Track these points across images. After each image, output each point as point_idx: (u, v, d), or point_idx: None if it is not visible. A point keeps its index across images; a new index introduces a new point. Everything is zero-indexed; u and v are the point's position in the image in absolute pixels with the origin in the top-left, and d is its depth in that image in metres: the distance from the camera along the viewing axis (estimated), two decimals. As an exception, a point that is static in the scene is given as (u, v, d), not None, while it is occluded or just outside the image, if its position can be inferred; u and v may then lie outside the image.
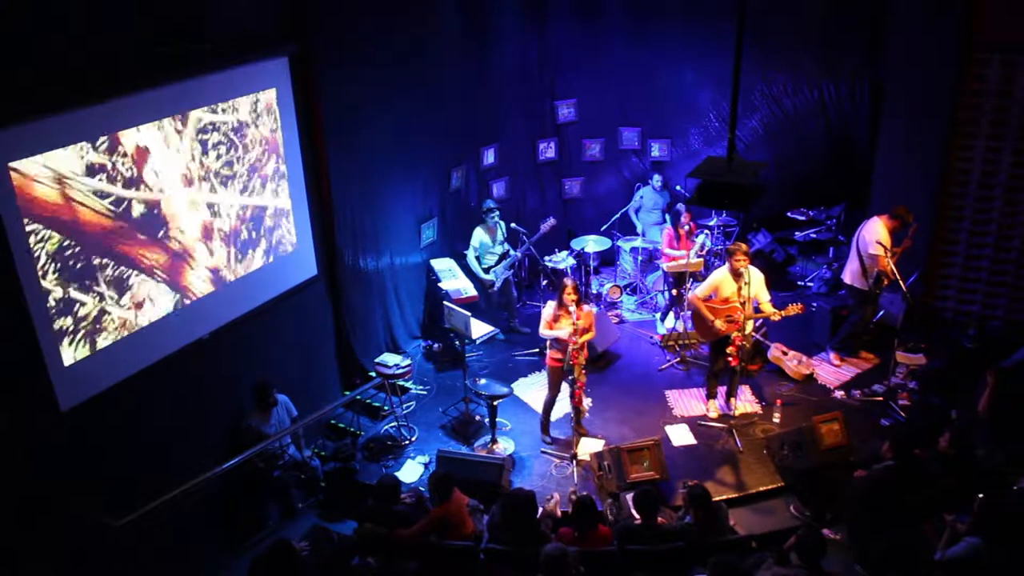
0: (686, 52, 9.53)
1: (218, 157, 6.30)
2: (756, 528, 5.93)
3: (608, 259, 10.14)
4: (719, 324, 6.93)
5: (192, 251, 6.21)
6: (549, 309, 6.81)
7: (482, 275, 8.66)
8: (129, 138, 5.52)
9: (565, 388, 6.97)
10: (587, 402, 7.29)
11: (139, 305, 5.81)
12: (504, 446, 7.27)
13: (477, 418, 7.67)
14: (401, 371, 7.72)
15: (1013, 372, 6.59)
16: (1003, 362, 6.90)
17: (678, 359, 8.46)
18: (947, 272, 8.56)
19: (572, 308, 6.57)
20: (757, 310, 7.00)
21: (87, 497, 5.32)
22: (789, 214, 9.98)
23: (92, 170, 5.30)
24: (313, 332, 7.61)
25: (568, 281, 6.67)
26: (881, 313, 8.17)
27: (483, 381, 7.38)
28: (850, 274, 7.84)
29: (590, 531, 5.33)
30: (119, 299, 5.66)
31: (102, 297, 5.53)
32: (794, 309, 6.84)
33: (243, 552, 6.29)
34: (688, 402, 7.79)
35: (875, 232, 7.50)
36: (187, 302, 6.21)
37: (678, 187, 9.80)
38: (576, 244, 9.52)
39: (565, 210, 10.39)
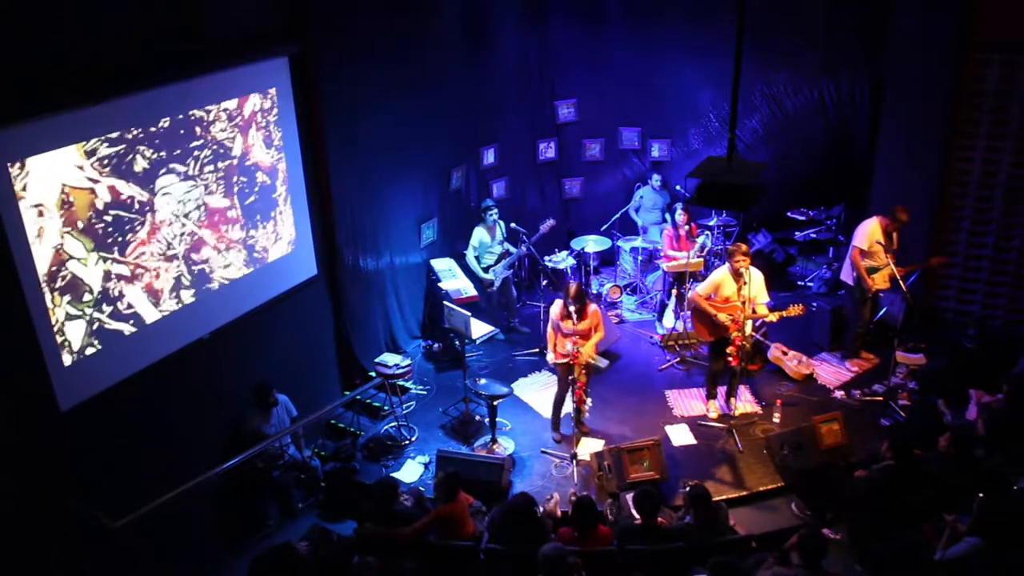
0: (686, 52, 9.52)
1: (218, 156, 6.30)
2: (756, 528, 5.92)
3: (608, 259, 10.14)
4: (722, 317, 6.93)
5: (192, 251, 6.20)
6: (556, 306, 6.87)
7: (481, 274, 8.66)
8: (129, 136, 5.52)
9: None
10: (587, 402, 7.28)
11: (139, 305, 5.81)
12: (504, 446, 7.27)
13: (477, 418, 7.67)
14: (401, 371, 7.74)
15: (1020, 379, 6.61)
16: (1014, 370, 6.91)
17: (678, 359, 8.46)
18: (947, 272, 8.56)
19: (571, 309, 6.61)
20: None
21: (87, 497, 5.32)
22: (789, 214, 9.98)
23: (93, 168, 5.30)
24: (313, 332, 7.61)
25: (569, 287, 6.69)
26: (881, 312, 8.18)
27: (483, 381, 7.38)
28: (845, 271, 7.89)
29: (590, 531, 5.33)
30: (119, 299, 5.66)
31: (103, 296, 5.53)
32: (795, 310, 6.84)
33: (243, 552, 6.29)
34: (688, 402, 7.78)
35: (864, 229, 7.54)
36: (187, 302, 6.21)
37: (678, 187, 9.80)
38: (576, 244, 9.52)
39: (565, 210, 10.39)
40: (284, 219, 7.02)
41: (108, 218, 5.46)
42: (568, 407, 7.18)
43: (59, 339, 5.27)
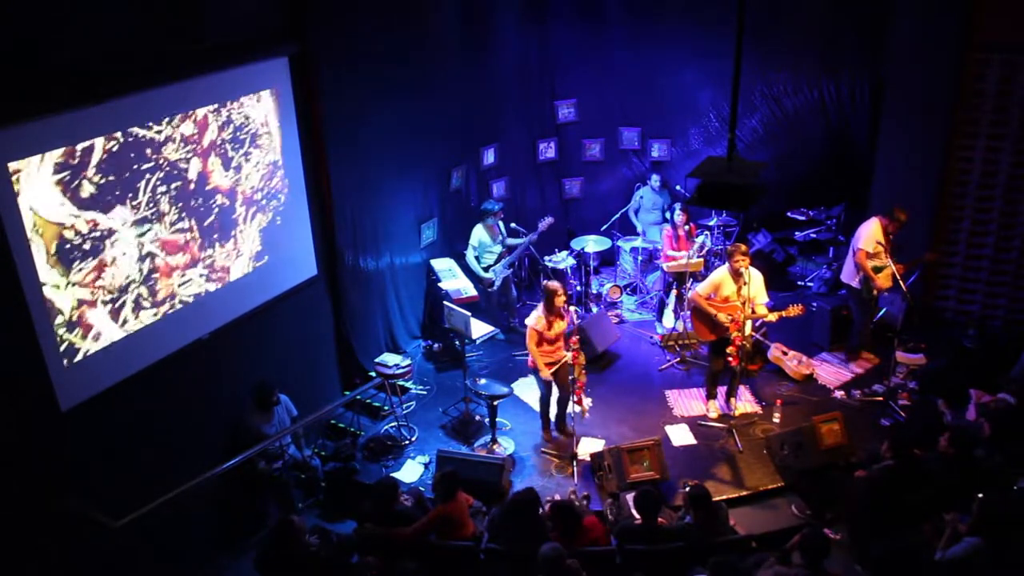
0: (686, 52, 9.52)
1: (218, 156, 6.29)
2: (757, 528, 5.93)
3: (608, 259, 10.14)
4: (722, 317, 6.93)
5: (192, 250, 6.20)
6: (539, 320, 6.83)
7: (481, 273, 8.66)
8: (130, 136, 5.52)
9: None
10: (587, 402, 7.28)
11: (139, 305, 5.81)
12: (504, 446, 7.27)
13: (477, 418, 7.67)
14: (401, 371, 7.74)
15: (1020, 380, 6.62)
16: (1012, 372, 6.91)
17: (678, 359, 8.46)
18: (947, 272, 8.56)
19: (565, 309, 6.61)
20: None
21: (87, 497, 5.32)
22: (789, 214, 9.97)
23: (93, 167, 5.30)
24: (313, 332, 7.61)
25: (555, 285, 6.68)
26: (881, 312, 8.18)
27: (483, 381, 7.38)
28: (847, 273, 7.87)
29: (577, 531, 5.30)
30: (120, 298, 5.66)
31: (103, 296, 5.53)
32: (795, 310, 6.84)
33: (243, 552, 6.29)
34: (688, 402, 7.78)
35: (866, 230, 7.53)
36: (187, 302, 6.21)
37: (678, 187, 9.80)
38: (576, 244, 9.52)
39: (565, 210, 10.39)
40: (245, 237, 6.73)
41: (75, 243, 5.27)
42: (569, 407, 7.18)
43: (60, 338, 5.27)
